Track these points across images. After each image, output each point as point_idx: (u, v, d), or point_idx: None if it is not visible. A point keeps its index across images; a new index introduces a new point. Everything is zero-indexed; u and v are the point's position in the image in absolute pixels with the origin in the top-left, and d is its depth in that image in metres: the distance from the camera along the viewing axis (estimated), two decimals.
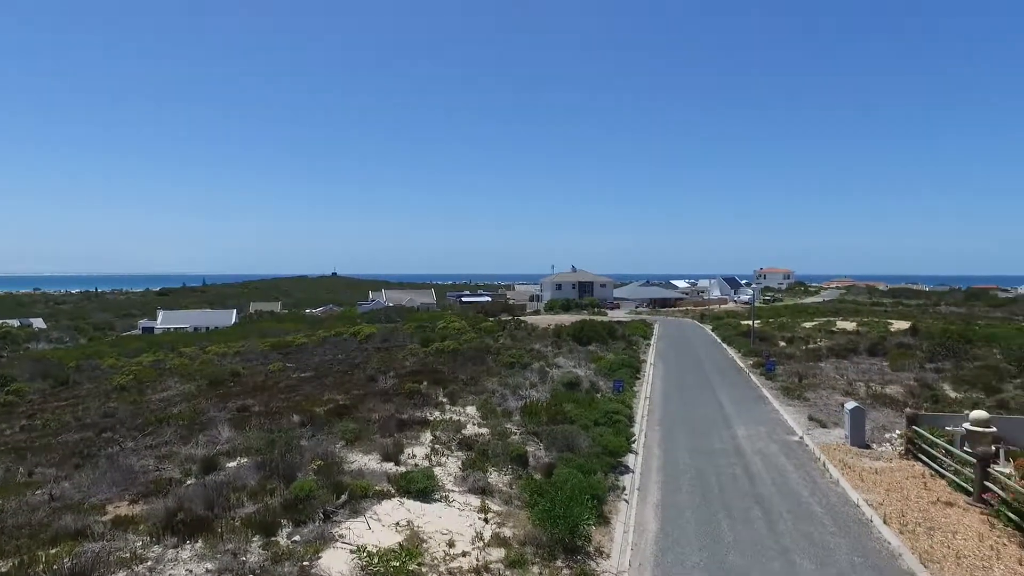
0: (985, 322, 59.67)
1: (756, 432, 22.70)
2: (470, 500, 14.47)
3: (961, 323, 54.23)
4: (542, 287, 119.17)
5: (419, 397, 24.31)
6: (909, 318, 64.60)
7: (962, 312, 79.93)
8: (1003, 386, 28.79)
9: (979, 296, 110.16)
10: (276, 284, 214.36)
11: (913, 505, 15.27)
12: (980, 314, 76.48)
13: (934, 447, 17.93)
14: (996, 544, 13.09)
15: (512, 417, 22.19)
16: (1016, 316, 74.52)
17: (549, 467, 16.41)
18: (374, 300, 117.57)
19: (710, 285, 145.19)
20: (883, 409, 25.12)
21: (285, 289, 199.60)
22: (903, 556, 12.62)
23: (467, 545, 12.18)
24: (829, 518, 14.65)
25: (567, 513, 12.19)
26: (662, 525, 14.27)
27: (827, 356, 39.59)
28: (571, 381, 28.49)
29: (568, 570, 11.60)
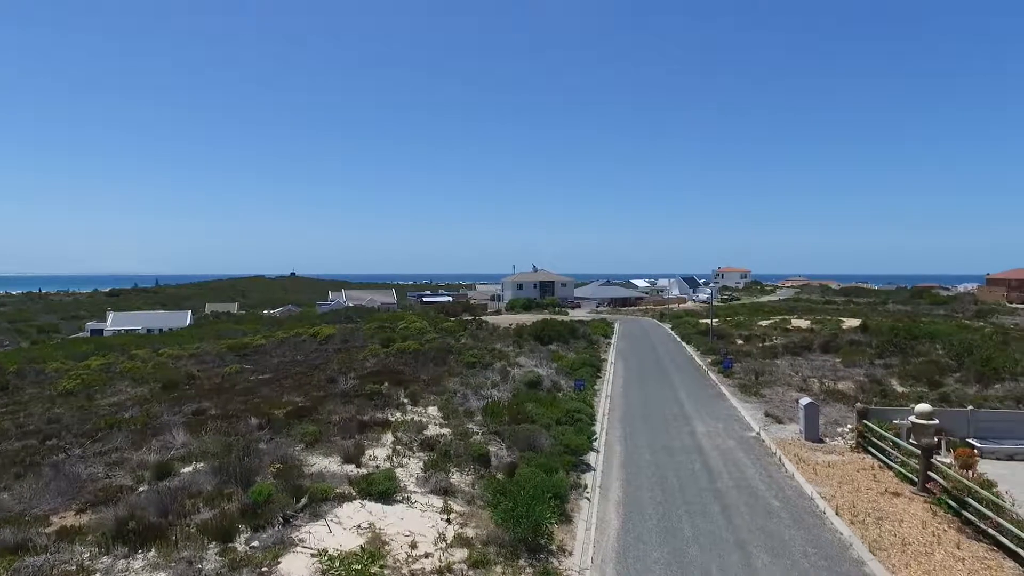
0: (928, 319, 61.95)
1: (714, 428, 23.14)
2: (432, 501, 14.40)
3: (907, 320, 56.21)
4: (503, 287, 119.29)
5: (380, 398, 24.08)
6: (859, 316, 66.70)
7: (908, 310, 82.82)
8: (945, 380, 29.93)
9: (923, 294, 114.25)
10: (233, 284, 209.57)
11: (863, 496, 15.78)
12: (924, 311, 79.39)
13: (883, 440, 18.56)
14: (937, 530, 13.66)
15: (474, 417, 22.16)
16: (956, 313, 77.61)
17: (511, 466, 16.44)
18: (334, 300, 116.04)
19: (669, 284, 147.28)
20: (836, 404, 25.86)
21: (242, 289, 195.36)
22: (854, 546, 13.03)
23: (430, 546, 12.12)
24: (785, 511, 15.02)
25: (530, 512, 12.22)
26: (624, 522, 14.43)
27: (783, 353, 40.57)
28: (533, 380, 28.58)
29: (531, 569, 11.64)
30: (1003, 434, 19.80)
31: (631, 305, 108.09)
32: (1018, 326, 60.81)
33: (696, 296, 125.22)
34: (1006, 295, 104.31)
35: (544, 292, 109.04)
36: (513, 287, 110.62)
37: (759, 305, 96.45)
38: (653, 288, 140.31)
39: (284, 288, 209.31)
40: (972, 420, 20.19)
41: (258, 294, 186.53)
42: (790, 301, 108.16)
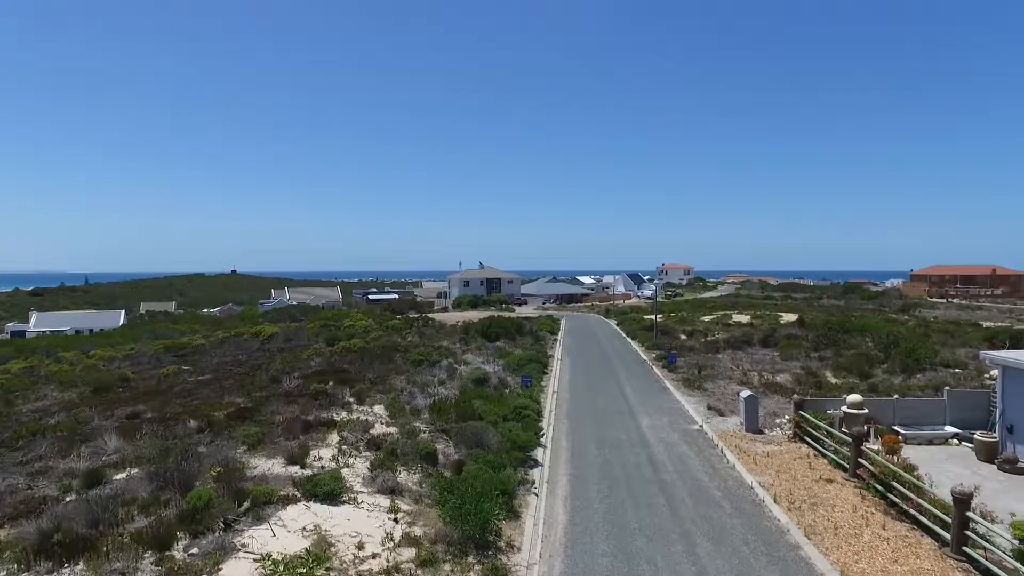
0: (859, 314, 64.74)
1: (659, 422, 23.62)
2: (379, 500, 14.23)
3: (840, 315, 58.63)
4: (450, 284, 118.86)
5: (325, 397, 23.67)
6: (797, 311, 69.25)
7: (840, 305, 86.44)
8: (873, 371, 31.38)
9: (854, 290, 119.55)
10: (170, 282, 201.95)
11: (800, 484, 16.39)
12: (855, 306, 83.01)
13: (817, 429, 19.31)
14: (866, 513, 14.33)
15: (421, 415, 22.02)
16: (884, 308, 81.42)
17: (459, 464, 16.41)
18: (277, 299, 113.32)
19: (615, 281, 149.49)
20: (774, 396, 26.76)
21: (180, 288, 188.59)
22: (790, 531, 13.53)
23: (377, 546, 11.98)
24: (727, 501, 15.47)
25: (477, 509, 12.21)
26: (571, 516, 14.58)
27: (724, 348, 41.74)
28: (480, 377, 28.59)
29: (480, 566, 11.64)
30: (924, 420, 20.91)
31: (577, 302, 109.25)
32: (938, 319, 64.22)
33: (641, 292, 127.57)
34: (927, 290, 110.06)
35: (491, 289, 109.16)
36: (460, 284, 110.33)
37: (702, 301, 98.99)
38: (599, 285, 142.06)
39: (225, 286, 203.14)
40: (897, 408, 21.23)
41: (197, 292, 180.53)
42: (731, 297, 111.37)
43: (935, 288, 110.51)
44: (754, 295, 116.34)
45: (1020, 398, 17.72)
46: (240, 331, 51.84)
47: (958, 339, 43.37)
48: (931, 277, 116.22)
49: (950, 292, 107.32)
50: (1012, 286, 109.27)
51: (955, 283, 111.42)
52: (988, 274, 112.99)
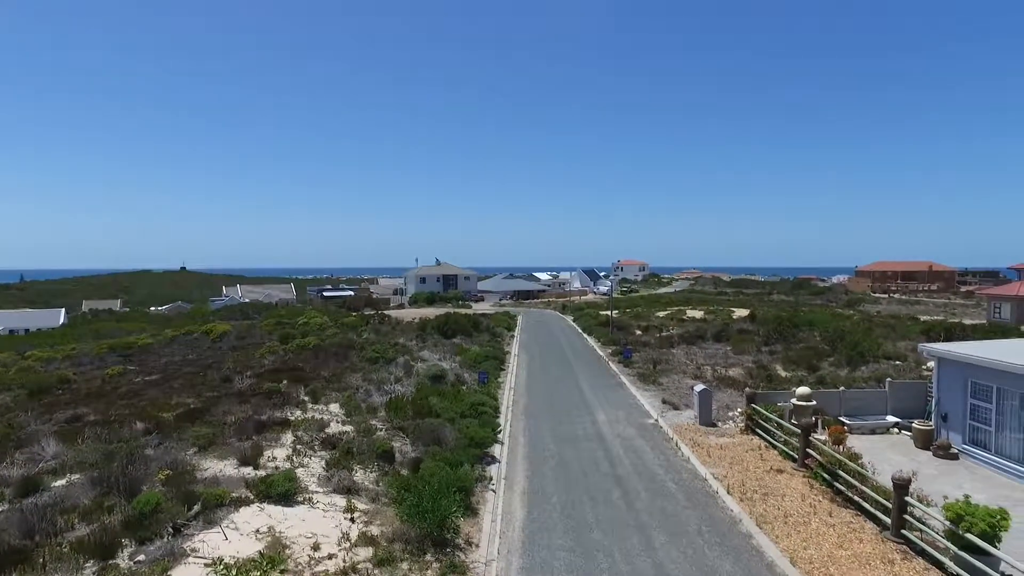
0: (808, 309, 66.75)
1: (615, 417, 23.89)
2: (335, 500, 14.03)
3: (789, 310, 60.31)
4: (406, 280, 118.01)
5: (279, 397, 23.23)
6: (748, 306, 70.98)
7: (790, 300, 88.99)
8: (821, 364, 32.38)
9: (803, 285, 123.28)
10: (115, 279, 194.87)
11: (751, 475, 16.81)
12: (804, 301, 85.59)
13: (768, 422, 19.82)
14: (814, 502, 14.79)
15: (377, 413, 21.81)
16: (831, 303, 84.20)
17: (416, 462, 16.29)
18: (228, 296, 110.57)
19: (571, 277, 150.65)
20: (727, 390, 27.35)
21: (126, 285, 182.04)
22: (743, 521, 13.87)
23: (333, 547, 11.80)
24: (681, 493, 15.75)
25: (435, 507, 12.14)
26: (529, 511, 14.63)
27: (678, 343, 42.47)
28: (436, 374, 28.44)
29: (438, 563, 11.58)
30: (867, 411, 21.70)
31: (534, 298, 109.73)
32: (880, 314, 66.69)
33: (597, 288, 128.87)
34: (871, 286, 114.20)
35: (447, 286, 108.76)
36: (416, 281, 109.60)
37: (656, 297, 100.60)
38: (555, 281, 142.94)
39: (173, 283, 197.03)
40: (843, 400, 21.97)
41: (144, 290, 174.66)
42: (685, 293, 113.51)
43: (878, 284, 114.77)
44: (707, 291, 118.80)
45: (953, 388, 18.53)
46: (190, 329, 50.40)
47: (899, 332, 45.13)
48: (874, 273, 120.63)
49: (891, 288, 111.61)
50: (946, 282, 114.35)
51: (896, 279, 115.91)
52: (925, 270, 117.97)
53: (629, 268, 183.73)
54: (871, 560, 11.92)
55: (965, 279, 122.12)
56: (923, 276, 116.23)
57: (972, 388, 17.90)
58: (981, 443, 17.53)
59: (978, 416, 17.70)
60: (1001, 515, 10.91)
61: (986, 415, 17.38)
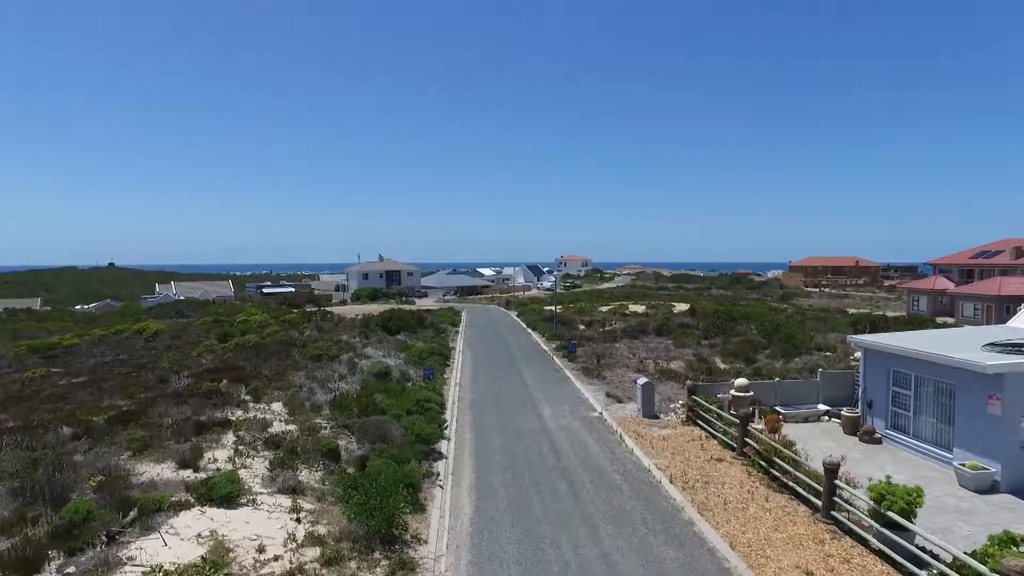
0: (745, 303, 69.04)
1: (560, 411, 24.21)
2: (280, 501, 13.79)
3: (727, 304, 62.27)
4: (348, 277, 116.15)
5: (219, 396, 22.61)
6: (688, 301, 72.81)
7: (728, 294, 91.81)
8: (758, 356, 33.61)
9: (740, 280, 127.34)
10: (35, 277, 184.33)
11: (693, 464, 17.34)
12: (741, 296, 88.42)
13: (708, 413, 20.47)
14: (752, 488, 15.39)
15: (321, 411, 21.49)
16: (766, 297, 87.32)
17: (362, 459, 16.14)
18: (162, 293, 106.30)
19: (515, 273, 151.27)
20: (669, 382, 28.06)
21: (47, 283, 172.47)
22: (685, 509, 14.32)
23: (279, 548, 11.61)
24: (626, 484, 16.12)
25: (382, 504, 12.08)
26: (477, 506, 14.72)
27: (621, 337, 43.27)
28: (381, 371, 28.19)
29: (386, 561, 11.54)
30: (801, 400, 22.66)
31: (478, 293, 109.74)
32: (812, 307, 69.60)
33: (541, 284, 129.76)
34: (803, 280, 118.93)
35: (390, 282, 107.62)
36: (359, 277, 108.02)
37: (599, 292, 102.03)
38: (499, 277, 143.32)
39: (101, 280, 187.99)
40: (778, 390, 22.89)
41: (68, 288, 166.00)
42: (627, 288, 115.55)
43: (810, 278, 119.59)
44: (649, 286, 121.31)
45: (878, 377, 19.57)
46: (120, 329, 48.32)
47: (828, 325, 47.24)
48: (806, 268, 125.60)
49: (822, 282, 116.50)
50: (871, 276, 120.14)
51: (826, 274, 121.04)
52: (853, 265, 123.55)
53: (572, 263, 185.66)
54: (804, 541, 12.51)
55: (888, 274, 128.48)
56: (851, 271, 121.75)
57: (894, 376, 18.95)
58: (901, 428, 18.58)
59: (899, 403, 18.75)
60: (917, 493, 11.71)
61: (906, 401, 18.44)
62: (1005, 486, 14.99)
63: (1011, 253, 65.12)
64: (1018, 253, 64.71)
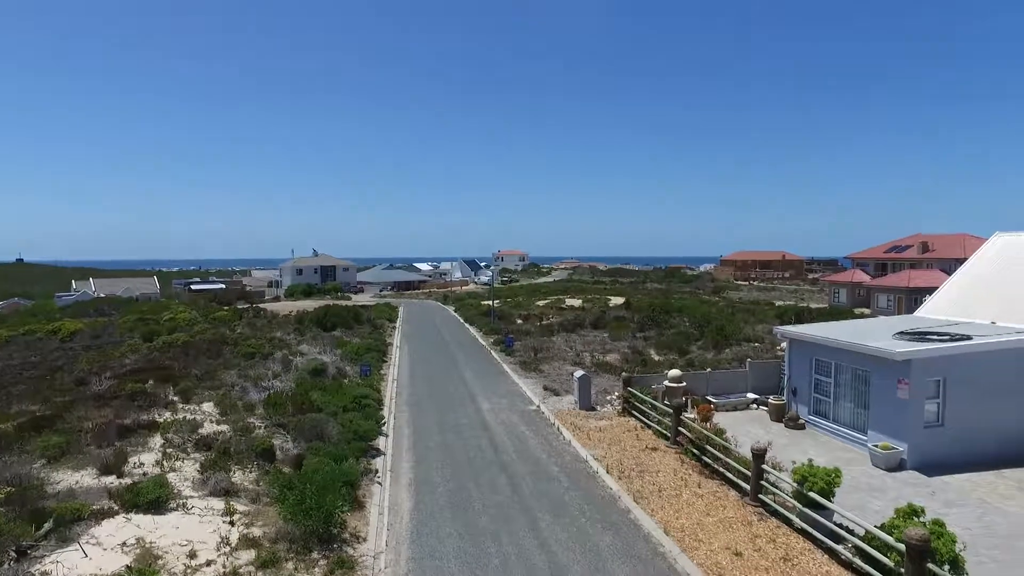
0: (678, 296, 71.01)
1: (499, 405, 24.34)
2: (212, 504, 13.37)
3: (662, 298, 63.88)
4: (282, 272, 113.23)
5: (145, 398, 21.71)
6: (624, 294, 74.32)
7: (662, 288, 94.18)
8: (690, 348, 34.69)
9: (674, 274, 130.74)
10: None
11: (629, 454, 17.78)
12: (675, 289, 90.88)
13: (643, 403, 21.01)
14: (685, 476, 15.92)
15: (255, 410, 20.95)
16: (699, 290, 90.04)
17: (298, 458, 15.83)
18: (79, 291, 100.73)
19: (452, 267, 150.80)
20: (605, 375, 28.62)
21: None
22: (621, 498, 14.67)
23: (212, 553, 11.27)
24: (564, 475, 16.38)
25: (320, 503, 11.90)
26: (416, 502, 14.66)
27: (558, 331, 43.80)
28: (317, 368, 27.68)
29: (325, 560, 11.37)
30: (731, 389, 23.56)
31: (415, 288, 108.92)
32: (742, 300, 72.24)
33: (478, 278, 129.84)
34: (734, 274, 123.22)
35: (325, 277, 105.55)
36: (292, 272, 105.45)
37: (536, 286, 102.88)
38: (437, 271, 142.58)
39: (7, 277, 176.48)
40: (710, 380, 23.70)
41: None
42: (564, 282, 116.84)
43: (740, 272, 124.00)
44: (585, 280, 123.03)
45: (801, 365, 20.55)
46: (32, 329, 45.52)
47: (757, 317, 49.19)
48: (736, 262, 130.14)
49: (751, 276, 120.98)
50: (797, 269, 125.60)
51: (755, 268, 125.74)
52: (780, 260, 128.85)
53: (509, 258, 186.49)
54: (733, 523, 13.05)
55: (811, 267, 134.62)
56: (778, 265, 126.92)
57: (816, 365, 19.94)
58: (823, 413, 19.59)
59: (821, 389, 19.75)
60: (835, 474, 12.44)
61: (827, 388, 19.44)
62: (911, 463, 16.09)
63: (919, 248, 69.36)
64: (925, 248, 68.98)
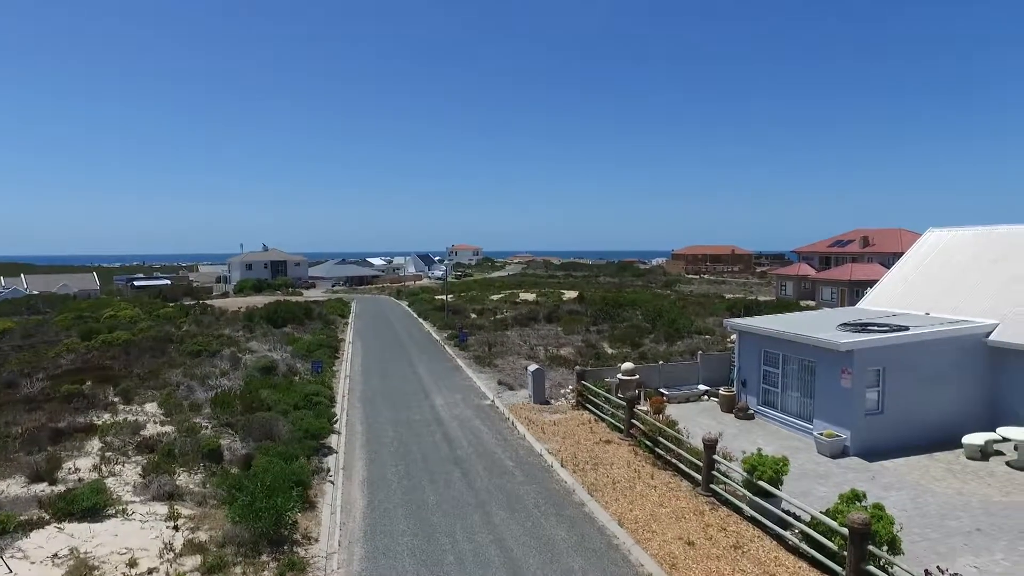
0: (631, 290, 71.90)
1: (453, 400, 24.21)
2: (155, 508, 12.89)
3: (615, 291, 64.61)
4: (231, 268, 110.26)
5: (81, 400, 20.79)
6: (577, 288, 74.85)
7: (615, 282, 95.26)
8: (643, 341, 35.16)
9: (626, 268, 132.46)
10: None
11: (583, 447, 17.88)
12: (627, 283, 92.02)
13: (597, 397, 21.17)
14: (638, 468, 16.10)
15: (202, 410, 20.34)
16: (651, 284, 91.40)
17: (247, 458, 15.41)
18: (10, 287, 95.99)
19: (405, 262, 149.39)
20: (559, 369, 28.74)
21: None
22: (576, 491, 14.74)
23: (154, 560, 10.84)
24: (519, 469, 16.37)
25: (269, 504, 11.58)
26: (369, 500, 14.44)
27: (512, 325, 43.83)
28: (266, 366, 27.05)
29: (275, 563, 11.06)
30: (683, 381, 23.97)
31: (368, 283, 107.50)
32: (693, 293, 73.63)
33: (432, 273, 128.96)
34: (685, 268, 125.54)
35: (276, 272, 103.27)
36: (242, 267, 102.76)
37: (491, 281, 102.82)
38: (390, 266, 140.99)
39: None
40: (662, 372, 24.05)
41: None
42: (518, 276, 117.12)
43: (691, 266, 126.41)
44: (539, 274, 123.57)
45: (750, 357, 21.03)
46: None
47: (708, 310, 50.19)
48: (687, 256, 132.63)
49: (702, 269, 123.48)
50: (745, 263, 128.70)
51: (706, 261, 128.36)
52: (729, 254, 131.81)
53: (463, 253, 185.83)
54: (685, 514, 13.25)
55: (760, 261, 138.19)
56: (728, 259, 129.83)
57: (764, 356, 20.42)
58: (771, 403, 20.09)
59: (769, 380, 20.25)
60: (783, 462, 12.76)
61: (775, 379, 19.94)
62: (854, 450, 16.64)
63: (860, 242, 71.96)
64: (865, 242, 71.59)
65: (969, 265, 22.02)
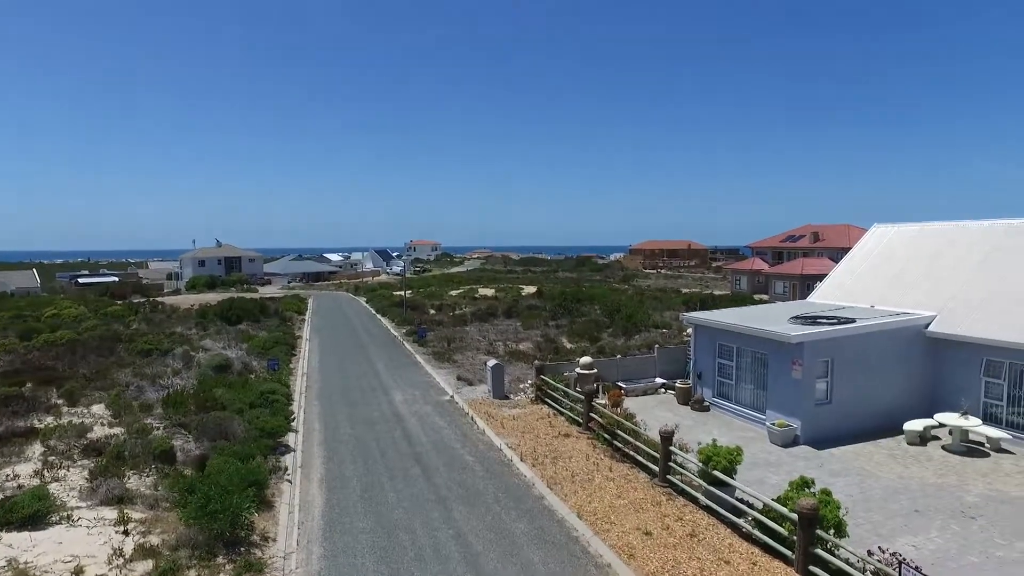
0: (589, 284, 72.59)
1: (412, 396, 24.09)
2: (103, 513, 12.49)
3: (573, 286, 65.11)
4: (182, 264, 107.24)
5: (21, 402, 19.97)
6: (536, 283, 75.23)
7: (574, 276, 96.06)
8: (601, 335, 35.55)
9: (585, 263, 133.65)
10: None
11: (542, 441, 18.01)
12: (586, 278, 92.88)
13: (556, 391, 21.34)
14: (597, 460, 16.30)
15: (153, 410, 19.80)
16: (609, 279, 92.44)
17: (201, 459, 15.05)
18: None
19: (363, 258, 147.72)
20: (518, 363, 28.85)
21: None
22: (535, 485, 14.85)
23: (103, 567, 10.50)
24: (479, 464, 16.41)
25: (225, 505, 11.35)
26: (328, 498, 14.28)
27: (472, 320, 43.81)
28: (221, 364, 26.47)
29: (231, 565, 10.85)
30: (640, 375, 24.33)
31: (325, 280, 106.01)
32: (650, 287, 74.74)
33: (390, 269, 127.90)
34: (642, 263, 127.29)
35: (230, 269, 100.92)
36: (194, 264, 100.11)
37: (449, 276, 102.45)
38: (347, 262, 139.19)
39: None
40: (620, 366, 24.37)
41: None
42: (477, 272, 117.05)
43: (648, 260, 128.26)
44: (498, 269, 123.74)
45: (706, 350, 21.48)
46: None
47: (665, 304, 51.00)
48: (645, 251, 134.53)
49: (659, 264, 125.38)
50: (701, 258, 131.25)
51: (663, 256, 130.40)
52: (686, 248, 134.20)
53: (422, 248, 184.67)
54: (643, 505, 13.48)
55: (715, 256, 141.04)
56: (684, 253, 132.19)
57: (719, 349, 20.89)
58: (726, 395, 20.57)
59: (724, 373, 20.72)
60: (737, 452, 13.10)
61: (729, 371, 20.42)
62: (804, 439, 17.18)
63: (810, 237, 74.03)
64: (816, 237, 73.71)
65: (911, 259, 22.92)
